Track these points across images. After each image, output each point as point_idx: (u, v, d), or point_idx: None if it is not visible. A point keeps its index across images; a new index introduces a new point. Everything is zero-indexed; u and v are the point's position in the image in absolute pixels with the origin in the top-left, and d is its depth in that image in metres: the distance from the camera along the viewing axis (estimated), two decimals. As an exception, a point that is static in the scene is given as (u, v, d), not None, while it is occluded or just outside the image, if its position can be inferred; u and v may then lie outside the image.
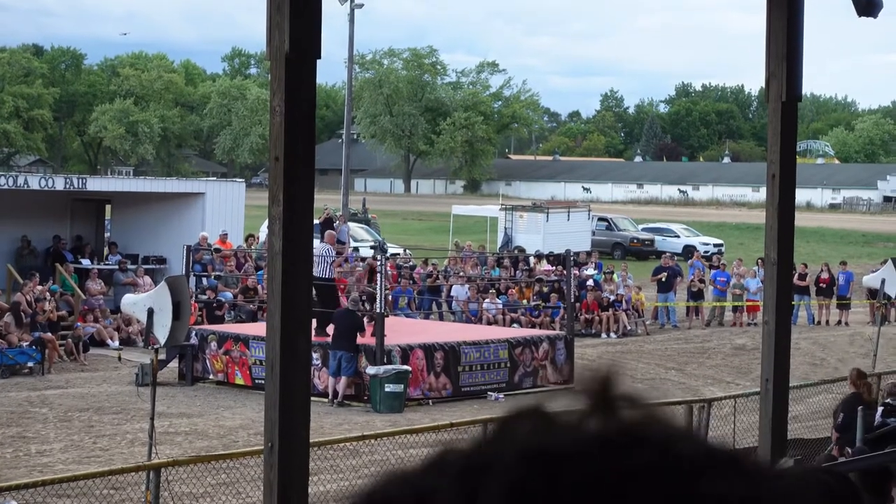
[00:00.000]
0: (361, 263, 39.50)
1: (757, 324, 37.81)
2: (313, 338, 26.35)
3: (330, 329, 27.68)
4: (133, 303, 18.13)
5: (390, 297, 33.88)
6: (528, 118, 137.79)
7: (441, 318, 38.24)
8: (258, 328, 28.58)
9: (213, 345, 29.46)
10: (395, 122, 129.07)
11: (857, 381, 19.97)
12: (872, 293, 42.67)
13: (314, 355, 25.11)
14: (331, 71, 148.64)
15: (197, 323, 31.98)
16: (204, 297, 35.47)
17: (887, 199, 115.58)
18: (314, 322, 27.37)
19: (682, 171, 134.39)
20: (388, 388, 26.31)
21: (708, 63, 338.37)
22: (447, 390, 28.17)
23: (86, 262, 38.49)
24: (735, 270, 42.74)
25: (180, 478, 15.96)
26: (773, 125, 12.14)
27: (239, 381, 28.89)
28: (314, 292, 30.43)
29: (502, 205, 59.89)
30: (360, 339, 27.28)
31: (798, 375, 27.32)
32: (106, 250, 40.64)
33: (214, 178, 68.38)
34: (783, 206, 12.03)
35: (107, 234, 42.80)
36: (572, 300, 33.56)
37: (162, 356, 24.57)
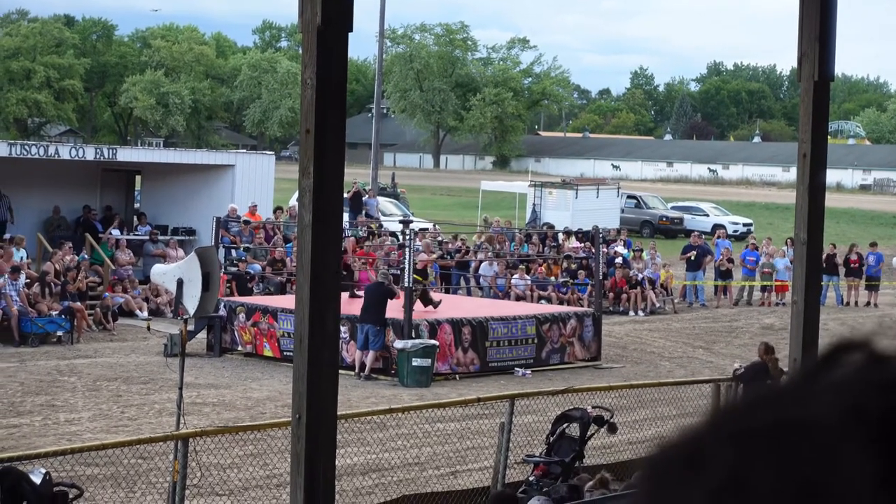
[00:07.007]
0: (390, 238, 39.57)
1: (785, 304, 37.71)
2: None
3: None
4: (163, 273, 18.19)
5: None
6: (559, 95, 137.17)
7: (469, 293, 38.24)
8: (286, 300, 28.66)
9: (242, 316, 29.55)
10: (425, 97, 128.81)
11: (764, 356, 19.99)
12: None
13: (342, 328, 25.15)
14: (361, 45, 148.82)
15: (226, 294, 32.08)
16: (234, 269, 35.56)
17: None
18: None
19: (712, 150, 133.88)
20: (416, 362, 26.35)
21: (740, 42, 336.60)
22: (474, 365, 28.19)
23: (115, 233, 38.61)
24: (764, 250, 42.63)
25: (208, 448, 16.03)
26: (804, 105, 12.12)
27: (267, 352, 28.99)
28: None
29: (531, 181, 59.76)
30: (390, 305, 27.26)
31: (826, 356, 27.18)
32: (135, 220, 40.77)
33: (244, 151, 68.41)
34: (814, 186, 12.01)
35: (136, 205, 42.95)
36: (601, 277, 33.50)
37: (190, 327, 24.65)
